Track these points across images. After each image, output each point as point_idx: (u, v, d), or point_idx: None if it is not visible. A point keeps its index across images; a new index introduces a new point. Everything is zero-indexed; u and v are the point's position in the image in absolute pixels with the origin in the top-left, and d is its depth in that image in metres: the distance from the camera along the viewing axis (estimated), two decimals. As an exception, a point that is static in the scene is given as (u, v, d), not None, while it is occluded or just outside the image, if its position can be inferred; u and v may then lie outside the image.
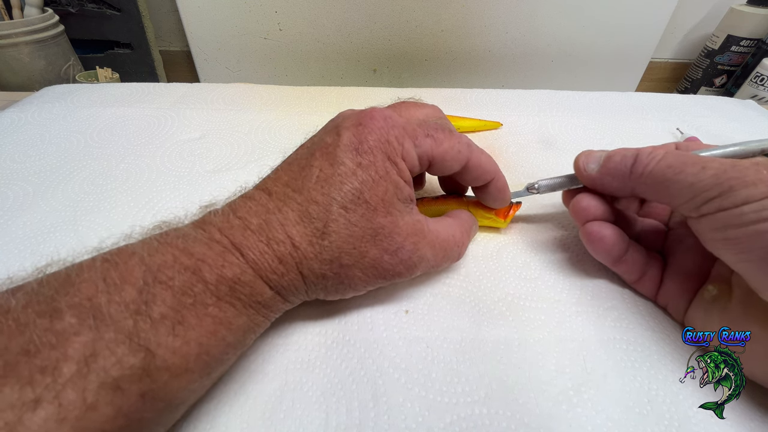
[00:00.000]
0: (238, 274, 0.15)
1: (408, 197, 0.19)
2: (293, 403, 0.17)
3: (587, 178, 0.21)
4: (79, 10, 0.77)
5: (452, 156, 0.19)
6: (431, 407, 0.17)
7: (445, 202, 0.25)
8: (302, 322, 0.20)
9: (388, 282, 0.19)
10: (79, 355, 0.12)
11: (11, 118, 0.36)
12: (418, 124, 0.19)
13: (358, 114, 0.18)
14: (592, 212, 0.21)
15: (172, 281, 0.14)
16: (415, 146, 0.19)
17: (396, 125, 0.18)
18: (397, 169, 0.18)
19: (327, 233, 0.16)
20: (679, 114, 0.40)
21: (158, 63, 0.89)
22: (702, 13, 0.89)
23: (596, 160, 0.21)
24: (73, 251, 0.17)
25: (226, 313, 0.14)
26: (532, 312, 0.21)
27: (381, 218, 0.17)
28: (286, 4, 0.78)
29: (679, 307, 0.20)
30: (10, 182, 0.29)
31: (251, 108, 0.39)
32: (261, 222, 0.16)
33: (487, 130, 0.37)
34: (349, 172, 0.17)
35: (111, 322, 0.12)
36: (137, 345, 0.12)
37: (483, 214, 0.24)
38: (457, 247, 0.21)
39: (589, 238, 0.21)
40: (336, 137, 0.18)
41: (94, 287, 0.13)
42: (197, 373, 0.14)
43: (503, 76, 0.88)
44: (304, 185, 0.17)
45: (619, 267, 0.21)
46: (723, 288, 0.18)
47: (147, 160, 0.31)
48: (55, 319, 0.12)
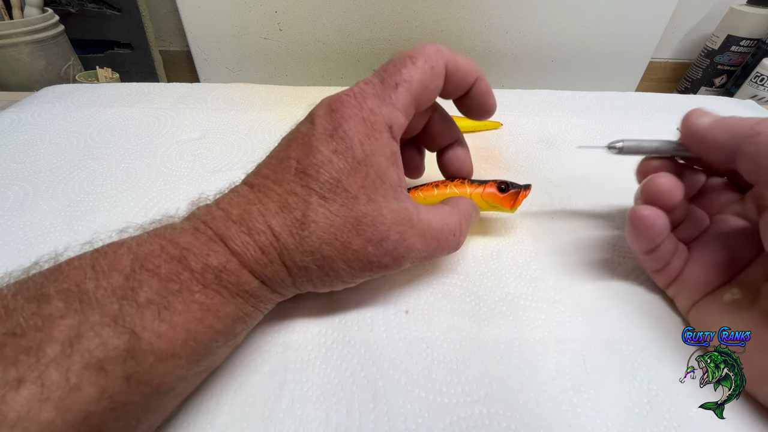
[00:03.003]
0: (223, 263, 0.15)
1: (395, 181, 0.18)
2: (293, 402, 0.17)
3: (695, 129, 0.19)
4: (79, 10, 0.77)
5: (429, 78, 0.18)
6: (431, 408, 0.17)
7: (445, 189, 0.23)
8: (302, 322, 0.20)
9: (377, 274, 0.18)
10: (63, 337, 0.12)
11: (11, 118, 0.36)
12: (382, 79, 0.18)
13: (330, 99, 0.17)
14: (670, 197, 0.19)
15: (159, 269, 0.14)
16: (393, 106, 0.17)
17: (367, 96, 0.17)
18: (380, 147, 0.17)
19: (306, 223, 0.16)
20: (679, 114, 0.39)
21: (158, 63, 0.89)
22: (702, 13, 0.89)
23: (711, 116, 0.19)
24: (71, 255, 0.17)
25: (213, 300, 0.15)
26: (532, 312, 0.21)
27: (363, 206, 0.16)
28: (286, 4, 0.78)
29: (689, 300, 0.20)
30: (10, 182, 0.29)
31: (251, 108, 0.39)
32: (241, 212, 0.16)
33: (487, 130, 0.37)
34: (325, 161, 0.16)
35: (97, 306, 0.13)
36: (122, 327, 0.12)
37: (488, 203, 0.23)
38: (453, 236, 0.20)
39: (639, 222, 0.19)
40: (310, 126, 0.17)
41: (83, 274, 0.13)
42: (185, 358, 0.14)
43: (503, 76, 0.88)
44: (284, 177, 0.16)
45: (649, 256, 0.20)
46: (748, 294, 0.18)
47: (147, 160, 0.31)
48: (42, 304, 0.12)
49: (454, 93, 0.20)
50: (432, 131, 0.22)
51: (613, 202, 0.28)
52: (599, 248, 0.24)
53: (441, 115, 0.22)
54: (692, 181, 0.21)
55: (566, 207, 0.28)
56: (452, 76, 0.19)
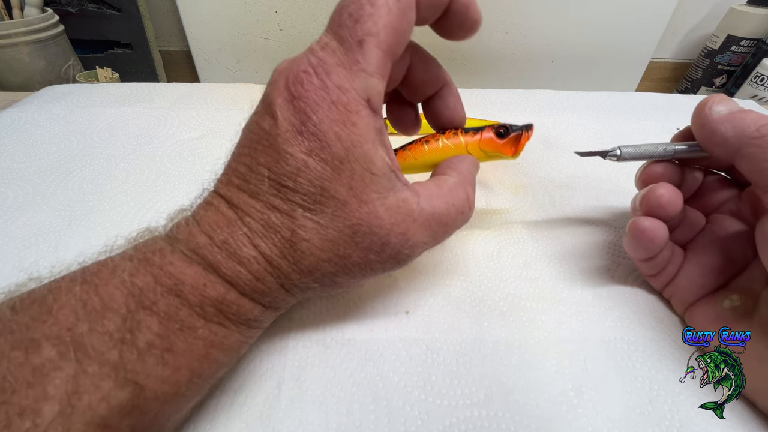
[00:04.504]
0: (222, 294, 0.14)
1: (386, 167, 0.15)
2: (292, 402, 0.17)
3: (706, 121, 0.18)
4: (79, 10, 0.77)
5: (398, 17, 0.14)
6: (431, 410, 0.17)
7: (437, 143, 0.20)
8: (301, 321, 0.20)
9: (382, 275, 0.17)
10: (60, 394, 0.11)
11: (11, 118, 0.36)
12: (341, 39, 0.14)
13: (286, 78, 0.14)
14: (670, 209, 0.19)
15: (156, 306, 0.13)
16: (364, 72, 0.14)
17: (330, 69, 0.14)
18: (361, 132, 0.14)
19: (296, 242, 0.14)
20: (679, 114, 0.40)
21: (158, 63, 0.89)
22: (702, 13, 0.89)
23: (728, 105, 0.18)
24: (69, 254, 0.17)
25: (216, 335, 0.14)
26: (532, 312, 0.20)
27: (356, 212, 0.14)
28: (286, 4, 0.78)
29: (685, 301, 0.20)
30: (10, 182, 0.29)
31: (251, 108, 0.39)
32: (226, 237, 0.14)
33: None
34: (300, 166, 0.14)
35: (94, 354, 0.11)
36: (124, 378, 0.11)
37: (487, 152, 0.20)
38: (461, 215, 0.17)
39: (641, 235, 0.19)
40: (272, 121, 0.14)
41: (74, 315, 0.12)
42: (188, 396, 0.13)
43: (503, 76, 0.88)
44: (259, 188, 0.14)
45: (647, 263, 0.20)
46: (747, 301, 0.18)
47: (147, 160, 0.31)
48: (30, 352, 0.11)
49: (430, 18, 0.16)
50: (414, 80, 0.19)
51: (613, 203, 0.28)
52: (599, 249, 0.24)
53: (421, 57, 0.18)
54: (690, 180, 0.21)
55: (567, 207, 0.28)
56: (425, 1, 0.15)
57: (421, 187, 0.16)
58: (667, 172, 0.20)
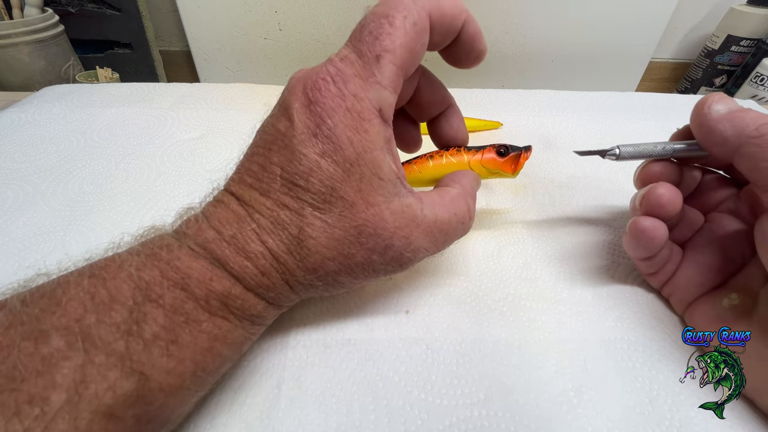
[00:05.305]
0: (228, 288, 0.14)
1: (392, 174, 0.16)
2: (292, 402, 0.17)
3: (705, 119, 0.18)
4: (79, 10, 0.77)
5: (413, 39, 0.15)
6: (431, 410, 0.17)
7: (441, 159, 0.21)
8: (301, 321, 0.20)
9: (384, 277, 0.18)
10: (68, 382, 0.11)
11: (11, 118, 0.36)
12: (360, 53, 0.15)
13: (304, 84, 0.15)
14: (670, 209, 0.19)
15: (162, 299, 0.13)
16: (379, 85, 0.15)
17: (347, 78, 0.15)
18: (372, 139, 0.15)
19: (303, 240, 0.15)
20: (679, 114, 0.40)
21: (158, 63, 0.89)
22: (702, 13, 0.89)
23: (727, 104, 0.18)
24: (69, 254, 0.17)
25: (221, 329, 0.14)
26: (532, 312, 0.21)
27: (362, 213, 0.15)
28: (286, 4, 0.78)
29: (684, 300, 0.20)
30: (10, 182, 0.29)
31: (251, 108, 0.39)
32: (235, 232, 0.15)
33: (487, 130, 0.37)
34: (313, 167, 0.14)
35: (101, 345, 0.12)
36: (130, 369, 0.12)
37: (489, 170, 0.21)
38: (461, 224, 0.18)
39: (641, 234, 0.19)
40: (288, 123, 0.15)
41: (82, 307, 0.12)
42: (193, 389, 0.14)
43: (503, 76, 0.88)
44: (270, 187, 0.15)
45: (645, 262, 0.20)
46: (746, 300, 0.18)
47: (147, 160, 0.31)
48: (40, 343, 0.11)
49: (441, 43, 0.17)
50: (421, 100, 0.20)
51: (613, 202, 0.28)
52: (599, 249, 0.24)
53: (429, 80, 0.20)
54: (689, 179, 0.21)
55: (566, 207, 0.28)
56: (438, 26, 0.16)
57: (425, 196, 0.17)
58: (666, 171, 0.20)
